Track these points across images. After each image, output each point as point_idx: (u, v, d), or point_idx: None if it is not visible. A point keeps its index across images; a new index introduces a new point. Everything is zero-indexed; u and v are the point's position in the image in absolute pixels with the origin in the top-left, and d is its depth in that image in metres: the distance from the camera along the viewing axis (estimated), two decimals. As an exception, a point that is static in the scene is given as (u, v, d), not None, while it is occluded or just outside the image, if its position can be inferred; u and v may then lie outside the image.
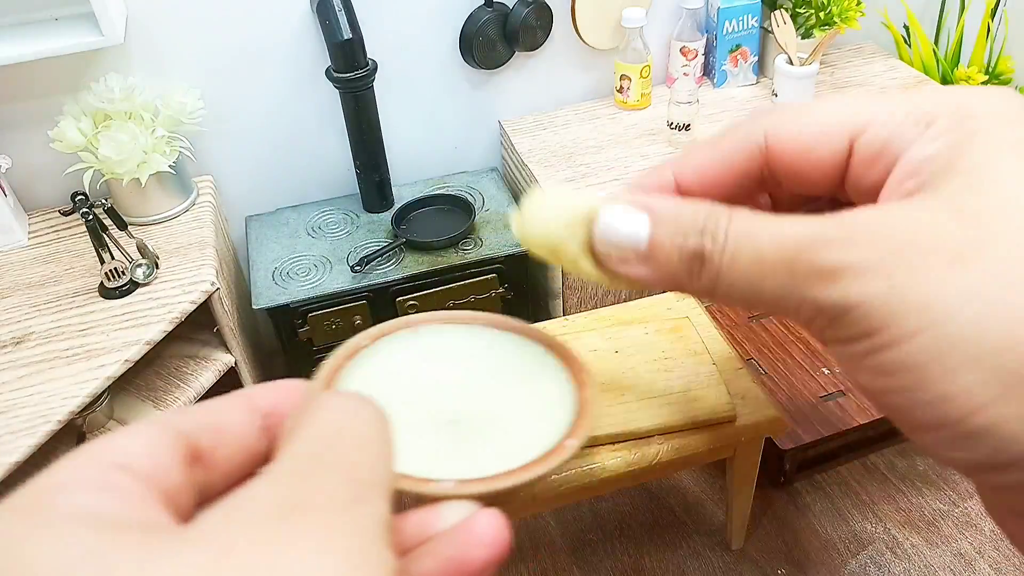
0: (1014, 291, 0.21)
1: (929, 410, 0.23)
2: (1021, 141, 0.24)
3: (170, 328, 0.97)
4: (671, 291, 0.31)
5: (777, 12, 1.35)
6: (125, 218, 1.03)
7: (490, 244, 1.23)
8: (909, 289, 0.22)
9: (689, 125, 1.27)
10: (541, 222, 0.30)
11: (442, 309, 1.22)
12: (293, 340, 1.20)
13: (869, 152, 0.26)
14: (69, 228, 1.15)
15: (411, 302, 1.21)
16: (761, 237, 0.25)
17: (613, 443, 0.39)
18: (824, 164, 0.27)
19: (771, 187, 0.30)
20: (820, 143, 0.27)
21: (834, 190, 0.28)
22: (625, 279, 0.29)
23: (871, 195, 0.26)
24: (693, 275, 0.27)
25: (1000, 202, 0.22)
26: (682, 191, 0.30)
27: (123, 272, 1.01)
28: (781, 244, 0.25)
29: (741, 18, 1.38)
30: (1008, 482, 0.22)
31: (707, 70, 1.46)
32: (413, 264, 1.20)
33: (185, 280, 1.03)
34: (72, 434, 0.96)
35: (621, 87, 1.38)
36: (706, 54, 1.43)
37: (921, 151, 0.25)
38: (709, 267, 0.26)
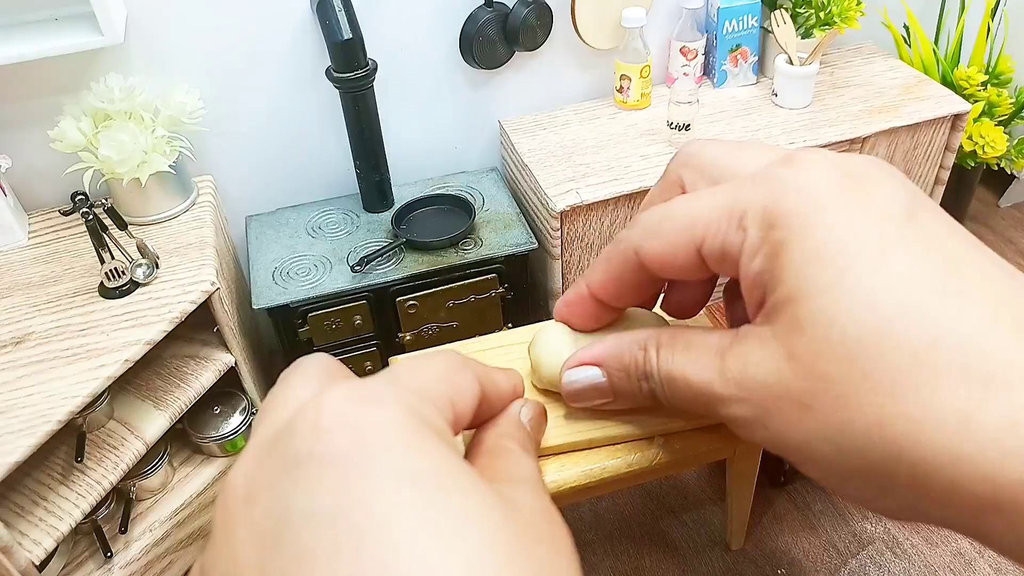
0: (846, 428, 0.25)
1: (843, 496, 0.28)
2: (821, 246, 0.27)
3: (170, 328, 0.97)
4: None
5: (777, 12, 1.35)
6: (125, 218, 1.03)
7: (490, 244, 1.23)
8: (781, 435, 0.27)
9: (689, 125, 1.27)
10: (546, 367, 0.38)
11: (442, 309, 1.22)
12: (293, 340, 1.20)
13: (713, 257, 0.30)
14: (69, 228, 1.15)
15: (411, 302, 1.21)
16: (679, 385, 0.31)
17: (612, 444, 0.39)
18: (685, 267, 0.31)
19: (663, 280, 0.35)
20: (676, 255, 0.31)
21: (708, 275, 0.32)
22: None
23: (736, 274, 0.30)
24: (656, 402, 0.33)
25: (818, 340, 0.26)
26: (597, 299, 0.36)
27: (123, 272, 1.01)
28: (692, 393, 0.30)
29: (741, 18, 1.38)
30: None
31: (707, 70, 1.46)
32: (413, 264, 1.20)
33: (185, 280, 1.03)
34: (72, 434, 0.96)
35: (621, 87, 1.38)
36: (706, 54, 1.43)
37: (749, 269, 0.29)
38: (661, 399, 0.32)
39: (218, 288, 1.03)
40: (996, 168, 1.50)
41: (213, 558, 0.22)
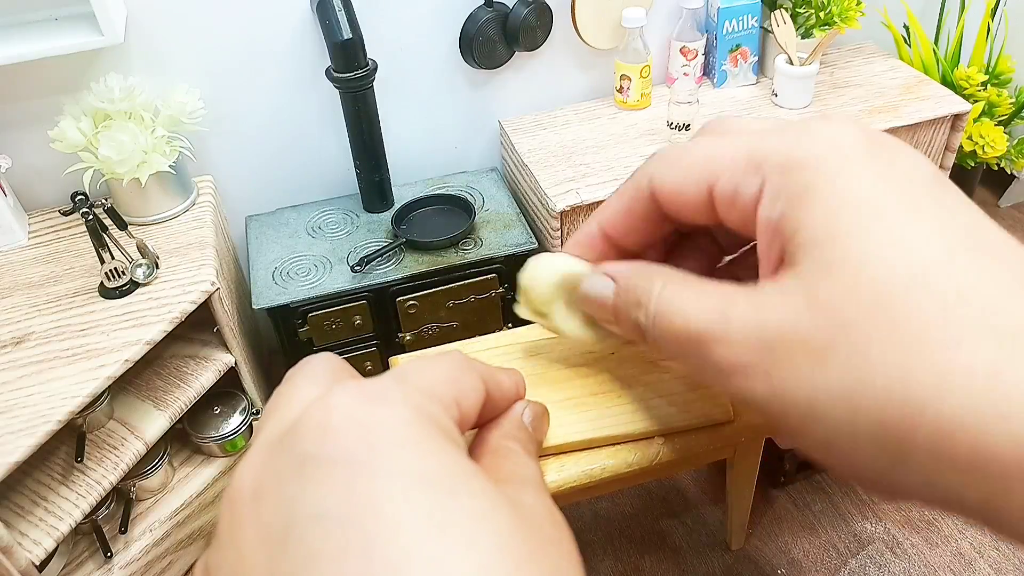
0: (864, 381, 0.23)
1: (849, 473, 0.26)
2: (850, 192, 0.25)
3: (170, 328, 0.97)
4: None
5: (777, 12, 1.35)
6: (125, 218, 1.03)
7: (490, 244, 1.23)
8: (785, 388, 0.25)
9: (689, 125, 1.27)
10: (539, 284, 0.36)
11: (442, 309, 1.22)
12: (293, 340, 1.20)
13: (724, 198, 0.29)
14: (69, 228, 1.15)
15: (411, 302, 1.21)
16: (675, 321, 0.28)
17: (612, 445, 0.39)
18: (693, 205, 0.30)
19: (670, 222, 0.33)
20: (687, 189, 0.30)
21: (714, 222, 0.31)
22: (609, 336, 0.35)
23: (743, 225, 0.29)
24: (641, 339, 0.31)
25: (844, 284, 0.24)
26: (608, 238, 0.35)
27: (123, 272, 1.01)
28: (687, 331, 0.28)
29: (741, 18, 1.37)
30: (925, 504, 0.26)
31: (707, 70, 1.46)
32: (413, 264, 1.20)
33: (185, 280, 1.03)
34: (72, 434, 0.96)
35: (621, 87, 1.38)
36: (706, 54, 1.43)
37: (768, 213, 0.27)
38: (648, 337, 0.30)
39: (218, 288, 1.03)
40: (996, 168, 1.50)
41: (219, 557, 0.22)
